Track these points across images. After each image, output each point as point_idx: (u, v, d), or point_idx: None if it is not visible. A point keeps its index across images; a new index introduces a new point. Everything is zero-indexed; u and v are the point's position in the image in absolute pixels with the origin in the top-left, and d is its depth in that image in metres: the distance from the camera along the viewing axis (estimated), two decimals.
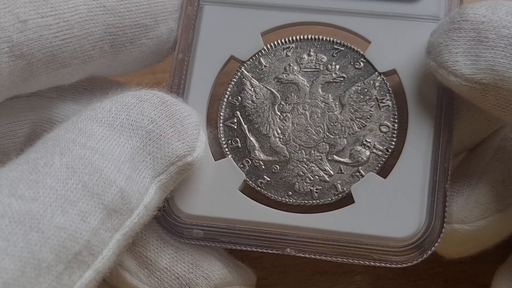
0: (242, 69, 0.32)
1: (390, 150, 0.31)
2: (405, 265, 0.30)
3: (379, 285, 0.36)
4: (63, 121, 0.31)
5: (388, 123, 0.31)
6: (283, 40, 0.32)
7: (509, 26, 0.28)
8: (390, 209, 0.30)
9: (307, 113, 0.31)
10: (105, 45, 0.30)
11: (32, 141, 0.31)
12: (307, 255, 0.30)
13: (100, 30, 0.29)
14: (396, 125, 0.31)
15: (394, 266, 0.30)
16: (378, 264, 0.30)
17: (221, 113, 0.32)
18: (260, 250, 0.30)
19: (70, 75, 0.30)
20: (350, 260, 0.30)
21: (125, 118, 0.28)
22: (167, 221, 0.30)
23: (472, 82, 0.28)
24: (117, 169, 0.27)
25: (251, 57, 0.32)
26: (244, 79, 0.32)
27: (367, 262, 0.30)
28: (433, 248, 0.30)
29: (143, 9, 0.30)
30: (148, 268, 0.30)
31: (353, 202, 0.30)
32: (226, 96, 0.32)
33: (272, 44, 0.32)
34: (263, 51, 0.32)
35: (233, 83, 0.32)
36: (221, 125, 0.32)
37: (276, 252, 0.30)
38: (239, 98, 0.32)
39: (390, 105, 0.31)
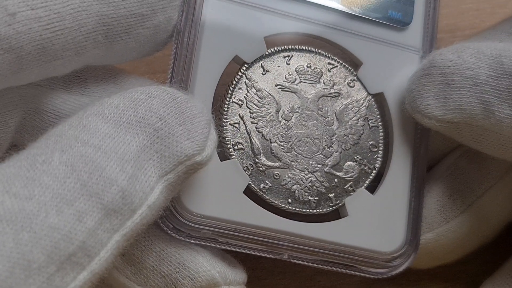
0: (246, 72, 0.32)
1: (377, 169, 0.32)
2: (385, 276, 0.32)
3: (379, 286, 0.36)
4: (51, 111, 0.30)
5: (375, 143, 0.33)
6: (284, 47, 0.32)
7: (473, 67, 0.30)
8: (378, 224, 0.32)
9: (308, 124, 0.32)
10: (99, 36, 0.29)
11: (22, 130, 0.31)
12: (301, 262, 0.31)
13: (93, 20, 0.28)
14: (382, 146, 0.33)
15: (375, 277, 0.32)
16: (362, 274, 0.32)
17: (226, 114, 0.31)
18: (258, 254, 0.30)
19: (63, 67, 0.29)
20: (338, 269, 0.32)
21: (133, 114, 0.27)
22: (171, 218, 0.30)
23: (444, 122, 0.31)
24: (119, 167, 0.26)
25: (254, 60, 0.32)
26: (247, 81, 0.32)
27: (352, 272, 0.32)
28: (411, 261, 0.32)
29: None
30: (134, 265, 0.30)
31: (347, 215, 0.32)
32: (230, 96, 0.31)
33: (274, 49, 0.32)
34: (265, 55, 0.32)
35: (237, 84, 0.32)
36: (225, 125, 0.31)
37: (272, 256, 0.31)
38: (244, 100, 0.32)
39: (378, 126, 0.33)
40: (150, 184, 0.26)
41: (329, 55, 0.33)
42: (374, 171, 0.32)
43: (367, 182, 0.32)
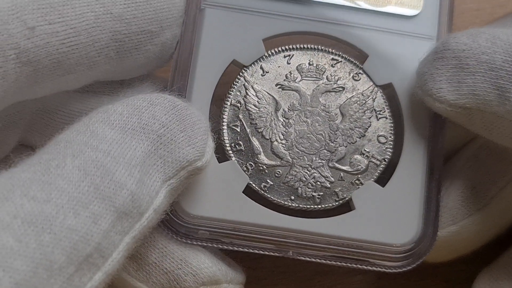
0: (244, 74, 0.32)
1: (387, 161, 0.32)
2: (399, 270, 0.31)
3: (380, 285, 0.36)
4: (60, 110, 0.31)
5: (385, 134, 0.32)
6: (284, 48, 0.32)
7: (488, 52, 0.29)
8: (388, 216, 0.31)
9: (309, 121, 0.32)
10: (111, 52, 0.30)
11: (32, 129, 0.31)
12: (308, 259, 0.31)
13: (106, 37, 0.29)
14: (392, 137, 0.32)
15: (389, 271, 0.31)
16: (375, 268, 0.31)
17: (224, 116, 0.32)
18: (262, 253, 0.31)
19: (75, 81, 0.30)
20: (349, 264, 0.31)
21: (137, 121, 0.28)
22: (171, 221, 0.30)
23: (456, 107, 0.30)
24: (128, 172, 0.26)
25: (252, 63, 0.32)
26: (246, 84, 0.32)
27: (365, 267, 0.31)
28: (427, 254, 0.31)
29: (149, 16, 0.30)
30: (137, 262, 0.30)
31: (354, 208, 0.31)
32: (229, 99, 0.32)
33: (273, 51, 0.32)
34: (264, 57, 0.32)
35: (235, 87, 0.32)
36: (224, 128, 0.32)
37: (278, 254, 0.31)
38: (242, 102, 0.32)
39: (387, 117, 0.32)
40: (155, 188, 0.27)
41: (332, 50, 0.33)
42: (384, 163, 0.32)
43: (376, 174, 0.32)
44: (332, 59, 0.32)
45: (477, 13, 0.41)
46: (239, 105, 0.32)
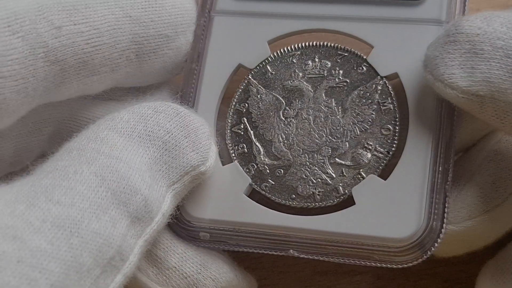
0: (249, 77, 0.33)
1: (391, 152, 0.31)
2: (405, 265, 0.30)
3: (379, 285, 0.36)
4: (85, 119, 0.32)
5: (389, 126, 0.31)
6: (289, 48, 0.33)
7: (504, 37, 0.28)
8: (390, 210, 0.30)
9: (311, 118, 0.32)
10: (131, 54, 0.31)
11: (56, 139, 0.32)
12: (310, 257, 0.30)
13: (126, 39, 0.30)
14: (397, 128, 0.31)
15: (395, 266, 0.30)
16: (379, 264, 0.30)
17: (229, 120, 0.32)
18: (264, 252, 0.31)
19: (98, 83, 0.31)
20: (352, 261, 0.30)
21: (143, 129, 0.29)
22: (175, 224, 0.31)
23: (468, 94, 0.29)
24: (141, 177, 0.27)
25: (258, 65, 0.33)
26: (251, 86, 0.33)
27: (368, 263, 0.30)
28: (433, 249, 0.30)
29: (165, 20, 0.31)
30: (157, 266, 0.31)
31: (354, 204, 0.30)
32: (234, 103, 0.33)
33: (278, 52, 0.33)
34: (269, 58, 0.33)
35: (240, 90, 0.33)
36: (228, 131, 0.32)
37: (280, 253, 0.31)
38: (246, 104, 0.32)
39: (392, 108, 0.31)
40: (162, 193, 0.28)
41: (336, 45, 0.33)
42: (387, 156, 0.31)
43: (380, 168, 0.31)
44: (337, 54, 0.32)
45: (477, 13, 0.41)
46: (243, 108, 0.32)
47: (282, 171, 0.31)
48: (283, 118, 0.32)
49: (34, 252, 0.24)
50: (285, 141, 0.32)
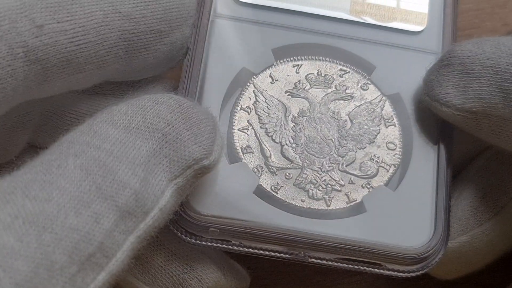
0: (254, 81, 0.33)
1: (397, 166, 0.32)
2: (412, 274, 0.30)
3: (378, 285, 0.36)
4: (69, 111, 0.31)
5: (394, 141, 0.33)
6: (293, 58, 0.33)
7: (492, 57, 0.30)
8: (400, 219, 0.31)
9: (318, 126, 0.32)
10: (120, 51, 0.29)
11: (41, 131, 0.31)
12: (319, 261, 0.30)
13: (115, 35, 0.29)
14: (401, 144, 0.33)
15: (403, 275, 0.30)
16: (387, 272, 0.30)
17: (235, 120, 0.32)
18: (272, 254, 0.30)
19: (84, 80, 0.30)
20: (361, 268, 0.30)
21: (141, 120, 0.27)
22: (181, 221, 0.30)
23: (463, 111, 0.30)
24: (131, 171, 0.26)
25: (262, 71, 0.33)
26: (256, 90, 0.33)
27: (377, 270, 0.30)
28: (436, 260, 0.31)
29: (158, 16, 0.30)
30: (143, 265, 0.30)
31: (365, 211, 0.31)
32: (239, 104, 0.32)
33: (282, 61, 0.33)
34: (273, 66, 0.33)
35: (245, 92, 0.33)
36: (235, 131, 0.32)
37: (288, 256, 0.30)
38: (252, 107, 0.32)
39: (396, 125, 0.33)
40: (160, 187, 0.27)
41: (340, 62, 0.33)
42: (393, 169, 0.32)
43: (386, 179, 0.32)
44: (340, 69, 0.33)
45: (477, 13, 0.41)
46: (249, 110, 0.32)
47: (292, 174, 0.31)
48: (291, 123, 0.32)
49: (0, 250, 0.23)
50: (294, 146, 0.32)
